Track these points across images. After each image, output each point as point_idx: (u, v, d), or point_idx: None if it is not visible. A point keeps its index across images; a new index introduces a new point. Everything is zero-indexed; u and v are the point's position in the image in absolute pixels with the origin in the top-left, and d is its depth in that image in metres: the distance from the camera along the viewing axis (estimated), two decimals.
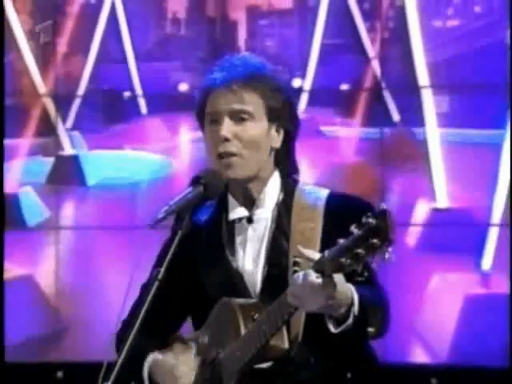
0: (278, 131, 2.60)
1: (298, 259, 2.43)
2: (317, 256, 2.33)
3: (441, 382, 5.22)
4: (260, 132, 2.57)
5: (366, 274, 2.34)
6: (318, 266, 2.33)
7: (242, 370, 2.51)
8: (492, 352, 5.19)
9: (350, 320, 2.38)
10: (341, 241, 2.27)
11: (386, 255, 2.21)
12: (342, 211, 2.51)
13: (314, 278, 2.31)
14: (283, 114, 2.60)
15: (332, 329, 2.40)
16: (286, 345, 2.49)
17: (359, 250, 2.22)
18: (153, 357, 2.66)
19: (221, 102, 2.57)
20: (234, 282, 2.60)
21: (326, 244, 2.44)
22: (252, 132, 2.56)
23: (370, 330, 2.43)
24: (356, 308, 2.38)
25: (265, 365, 2.52)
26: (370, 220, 2.22)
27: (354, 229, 2.25)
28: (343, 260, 2.26)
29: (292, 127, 2.63)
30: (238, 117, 2.56)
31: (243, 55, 2.68)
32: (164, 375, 2.63)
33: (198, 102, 2.64)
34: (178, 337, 2.71)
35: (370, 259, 2.25)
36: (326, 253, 2.31)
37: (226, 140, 2.54)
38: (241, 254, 2.62)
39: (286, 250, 2.57)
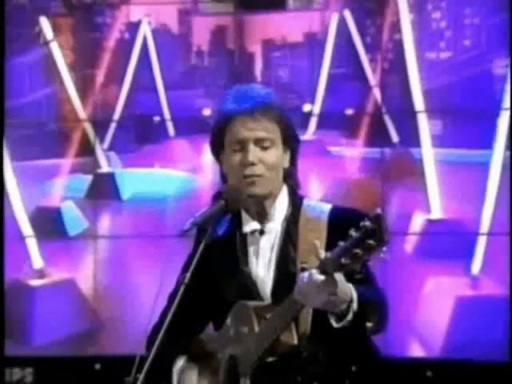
0: (285, 152, 2.61)
1: (304, 265, 2.44)
2: (323, 255, 2.34)
3: (435, 373, 5.19)
4: (279, 156, 2.59)
5: (363, 272, 2.36)
6: (322, 266, 2.35)
7: (256, 363, 2.51)
8: (480, 346, 5.16)
9: (350, 316, 2.39)
10: (341, 243, 2.29)
11: (382, 254, 2.24)
12: (343, 222, 2.45)
13: (318, 276, 2.33)
14: (291, 137, 2.62)
15: (334, 324, 2.42)
16: (295, 340, 2.50)
17: (357, 251, 2.25)
18: (181, 365, 2.69)
19: (245, 129, 2.57)
20: (249, 288, 2.60)
21: (329, 246, 2.44)
22: (274, 157, 2.57)
23: (369, 324, 2.43)
24: (355, 305, 2.39)
25: (277, 359, 2.51)
26: (367, 223, 2.24)
27: (352, 232, 2.27)
28: (343, 260, 2.28)
29: (296, 147, 2.65)
30: (263, 144, 2.57)
31: (253, 86, 2.66)
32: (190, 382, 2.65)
33: (218, 129, 2.63)
34: (200, 341, 2.70)
35: (367, 258, 2.26)
36: (329, 254, 2.32)
37: (253, 164, 2.55)
38: (254, 263, 2.63)
39: (293, 257, 2.57)
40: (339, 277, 2.36)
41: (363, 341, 2.52)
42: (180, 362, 2.69)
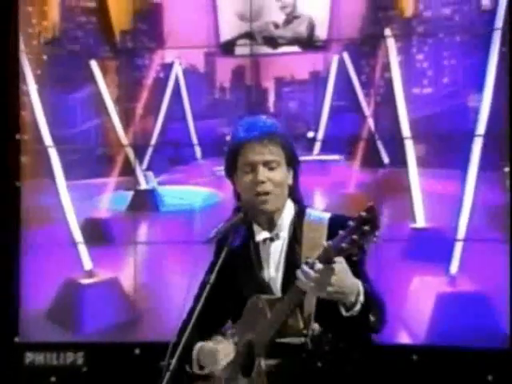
0: (289, 171, 2.65)
1: (307, 260, 2.43)
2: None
3: (420, 357, 5.15)
4: (284, 175, 2.63)
5: (360, 255, 2.36)
6: (324, 252, 2.37)
7: (268, 344, 2.53)
8: (458, 334, 5.14)
9: (358, 306, 2.41)
10: (341, 232, 2.32)
11: (375, 239, 2.29)
12: (340, 224, 2.46)
13: (318, 264, 2.36)
14: (293, 159, 2.66)
15: (343, 312, 2.43)
16: (301, 324, 2.52)
17: (355, 236, 2.29)
18: (199, 345, 2.67)
19: (255, 154, 2.60)
20: (263, 287, 2.63)
21: None
22: (280, 176, 2.61)
23: (372, 318, 2.45)
24: (362, 297, 2.42)
25: (285, 340, 2.52)
26: (362, 213, 2.29)
27: (350, 222, 2.30)
28: (344, 245, 2.31)
29: (297, 167, 2.68)
30: (270, 165, 2.60)
31: (260, 117, 2.70)
32: (208, 359, 2.65)
33: (232, 154, 2.64)
34: (218, 330, 2.73)
35: (363, 243, 2.29)
36: (330, 242, 2.36)
37: (263, 182, 2.59)
38: (266, 266, 2.65)
39: (299, 256, 2.58)
40: (347, 271, 2.39)
41: (362, 329, 2.51)
42: (200, 344, 2.69)
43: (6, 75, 5.61)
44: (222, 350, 2.63)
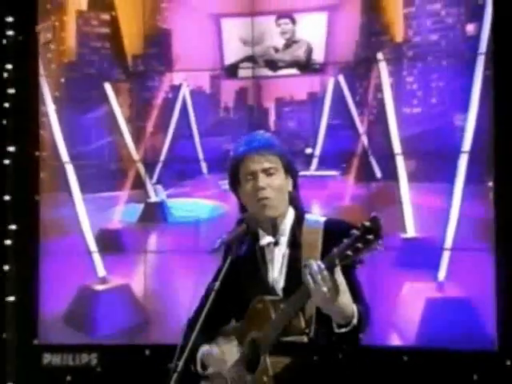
0: (287, 178, 2.69)
1: (306, 263, 2.44)
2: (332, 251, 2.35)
3: (410, 358, 5.16)
4: (282, 181, 2.67)
5: (361, 262, 2.34)
6: (329, 258, 2.37)
7: (272, 342, 2.55)
8: (445, 336, 5.14)
9: (349, 327, 2.45)
10: (345, 240, 2.32)
11: (378, 247, 2.30)
12: (334, 227, 2.57)
13: (322, 266, 2.36)
14: (291, 167, 2.71)
15: (335, 329, 2.47)
16: (303, 324, 2.55)
17: (359, 245, 2.30)
18: (204, 349, 2.68)
19: (254, 163, 2.65)
20: (266, 287, 2.66)
21: (324, 248, 2.54)
22: (278, 181, 2.66)
23: (360, 335, 2.50)
24: (355, 320, 2.46)
25: (289, 339, 2.54)
26: (366, 223, 2.31)
27: (354, 231, 2.30)
28: (348, 252, 2.31)
29: (296, 175, 2.72)
30: (269, 172, 2.65)
31: (258, 132, 2.74)
32: (213, 361, 2.68)
33: (233, 167, 2.68)
34: (221, 331, 2.73)
35: (366, 252, 2.28)
36: (335, 249, 2.35)
37: (263, 188, 2.63)
38: (270, 268, 2.68)
39: (299, 259, 2.59)
40: (347, 298, 2.39)
41: (349, 342, 2.53)
42: (204, 347, 2.69)
43: (26, 97, 5.69)
44: (226, 352, 2.66)
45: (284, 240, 2.67)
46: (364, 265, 2.43)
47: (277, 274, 2.67)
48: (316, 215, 2.72)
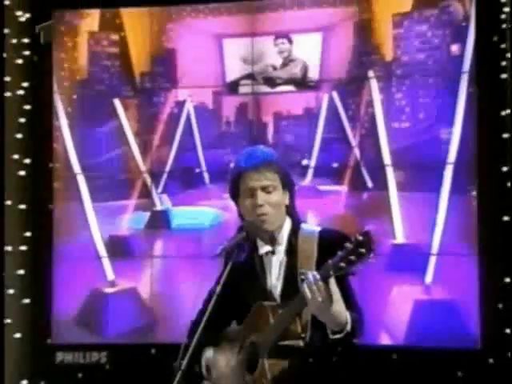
0: (285, 193, 2.67)
1: (303, 270, 2.47)
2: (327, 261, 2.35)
3: (399, 356, 5.17)
4: (280, 197, 2.65)
5: (353, 273, 2.35)
6: (324, 270, 2.36)
7: (270, 346, 2.55)
8: (432, 335, 5.14)
9: (343, 334, 2.46)
10: (339, 252, 2.30)
11: (369, 260, 2.30)
12: (328, 237, 2.58)
13: (318, 277, 2.35)
14: (288, 182, 2.69)
15: (330, 335, 2.47)
16: (299, 329, 2.55)
17: (352, 257, 2.29)
18: (208, 353, 2.69)
19: (253, 181, 2.63)
20: (265, 293, 2.67)
21: (319, 256, 2.54)
22: (276, 198, 2.64)
23: (354, 340, 2.51)
24: (349, 326, 2.46)
25: (286, 342, 2.55)
26: (358, 237, 2.29)
27: (347, 244, 2.28)
28: (341, 264, 2.30)
29: (292, 189, 2.70)
30: (267, 189, 2.62)
31: (258, 147, 2.71)
32: (217, 367, 2.68)
33: (234, 181, 2.66)
34: (225, 335, 2.72)
35: (359, 264, 2.27)
36: (330, 261, 2.33)
37: (261, 206, 2.61)
38: (268, 276, 2.68)
39: (295, 267, 2.59)
40: (340, 306, 2.38)
41: (344, 347, 2.55)
42: (209, 352, 2.70)
43: (41, 113, 5.72)
44: (231, 359, 2.67)
45: (281, 249, 2.67)
46: (356, 275, 2.44)
47: (275, 280, 2.67)
48: (311, 225, 2.72)
